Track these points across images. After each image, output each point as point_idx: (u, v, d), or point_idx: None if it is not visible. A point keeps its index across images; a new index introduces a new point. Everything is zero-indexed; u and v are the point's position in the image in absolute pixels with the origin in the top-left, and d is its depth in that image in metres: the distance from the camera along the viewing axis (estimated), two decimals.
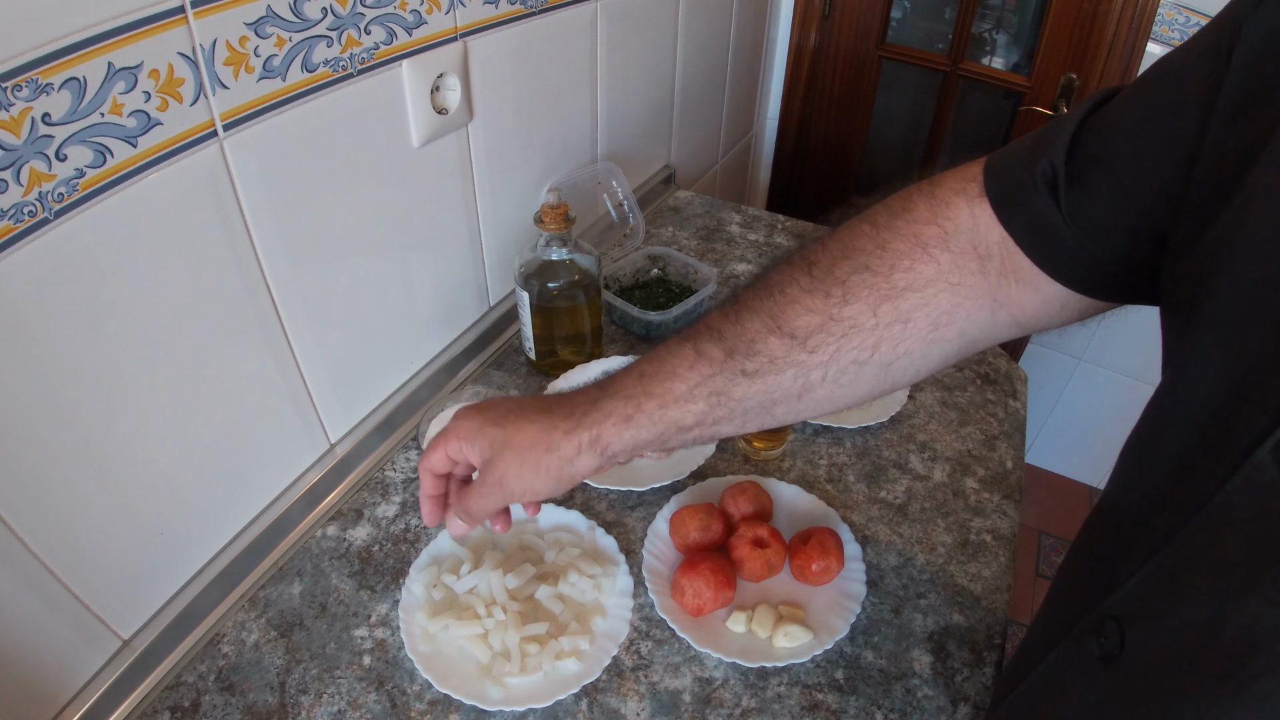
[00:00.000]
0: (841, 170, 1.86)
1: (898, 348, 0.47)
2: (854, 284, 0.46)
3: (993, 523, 0.78)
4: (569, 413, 0.50)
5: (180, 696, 0.62)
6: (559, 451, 0.49)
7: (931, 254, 0.46)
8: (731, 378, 0.48)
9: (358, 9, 0.62)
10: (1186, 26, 1.37)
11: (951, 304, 0.46)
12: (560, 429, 0.49)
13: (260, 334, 0.65)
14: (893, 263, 0.46)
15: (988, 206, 0.46)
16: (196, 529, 0.66)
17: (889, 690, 0.64)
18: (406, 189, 0.76)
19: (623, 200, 1.10)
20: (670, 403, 0.48)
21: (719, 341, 0.48)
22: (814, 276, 0.48)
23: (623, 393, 0.49)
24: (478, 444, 0.51)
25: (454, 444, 0.52)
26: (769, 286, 0.49)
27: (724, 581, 0.67)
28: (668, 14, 1.15)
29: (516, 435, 0.50)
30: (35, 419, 0.50)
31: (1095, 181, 0.41)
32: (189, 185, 0.55)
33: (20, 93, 0.43)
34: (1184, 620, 0.31)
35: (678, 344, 0.49)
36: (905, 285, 0.46)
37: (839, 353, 0.47)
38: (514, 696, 0.61)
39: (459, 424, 0.53)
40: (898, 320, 0.46)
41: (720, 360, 0.48)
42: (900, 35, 1.75)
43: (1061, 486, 2.07)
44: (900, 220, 0.47)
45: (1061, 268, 0.44)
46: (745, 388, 0.48)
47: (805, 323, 0.47)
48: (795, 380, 0.48)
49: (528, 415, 0.51)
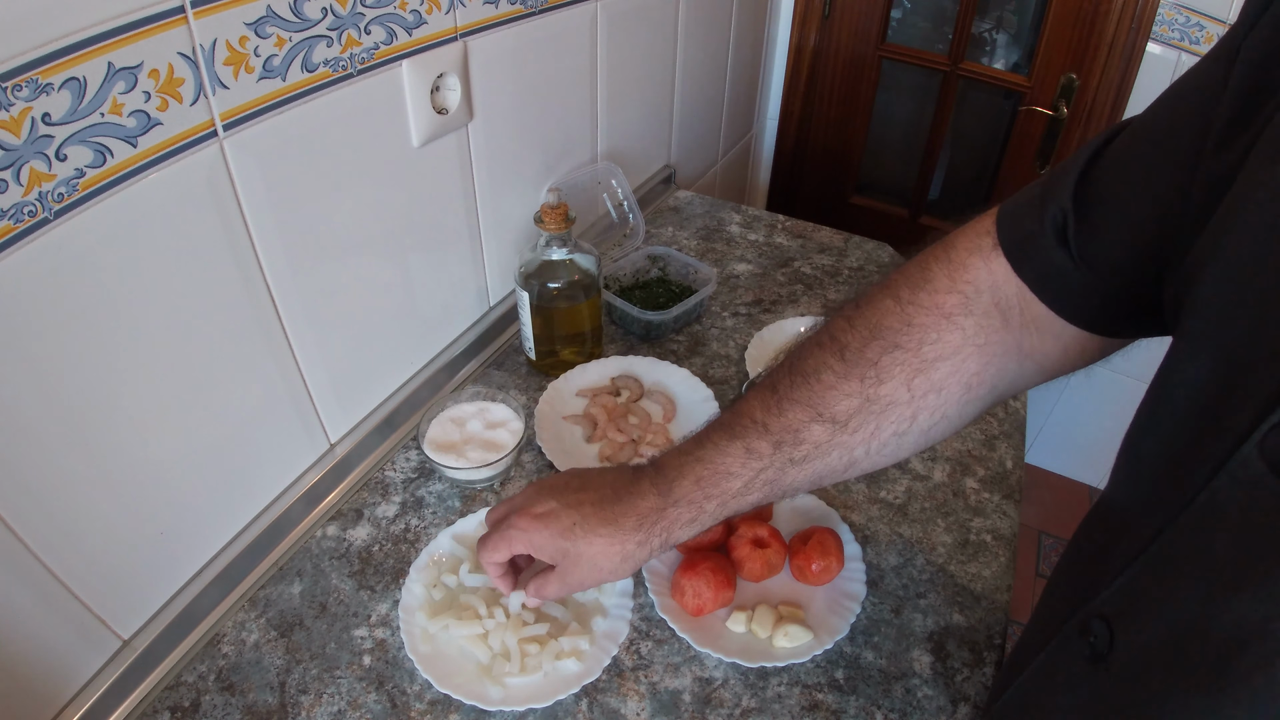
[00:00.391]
0: (841, 170, 1.86)
1: (934, 414, 0.49)
2: (886, 363, 0.48)
3: (993, 523, 0.78)
4: (637, 525, 0.54)
5: (180, 696, 0.62)
6: (633, 558, 0.54)
7: (956, 322, 0.48)
8: (782, 468, 0.51)
9: (358, 9, 0.62)
10: (1186, 26, 1.37)
11: (980, 365, 0.48)
12: (632, 539, 0.54)
13: (260, 334, 0.65)
14: (920, 337, 0.48)
15: (1003, 259, 0.47)
16: (196, 529, 0.66)
17: (889, 690, 0.64)
18: (406, 189, 0.76)
19: (623, 200, 1.10)
20: (729, 499, 0.52)
21: (765, 435, 0.51)
22: (846, 361, 0.50)
23: (684, 499, 0.53)
24: (547, 553, 0.56)
25: (520, 548, 0.57)
26: (804, 375, 0.51)
27: (724, 581, 0.67)
28: (668, 14, 1.15)
29: (588, 548, 0.54)
30: (35, 419, 0.50)
31: (1103, 222, 0.42)
32: (189, 185, 0.55)
33: (20, 93, 0.43)
34: (1172, 618, 0.31)
35: (725, 441, 0.52)
36: (935, 356, 0.48)
37: (879, 429, 0.49)
38: (514, 696, 0.61)
39: (524, 536, 0.56)
40: (931, 390, 0.48)
41: (769, 454, 0.51)
42: (900, 35, 1.75)
43: (1061, 486, 2.07)
44: (922, 293, 0.49)
45: (1076, 311, 0.45)
46: (795, 474, 0.51)
47: (844, 407, 0.49)
48: (841, 459, 0.50)
49: (593, 528, 0.54)
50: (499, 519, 0.60)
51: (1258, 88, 0.34)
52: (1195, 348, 0.33)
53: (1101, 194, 0.42)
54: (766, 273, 1.14)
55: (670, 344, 0.99)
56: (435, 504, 0.78)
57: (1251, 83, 0.35)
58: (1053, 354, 0.47)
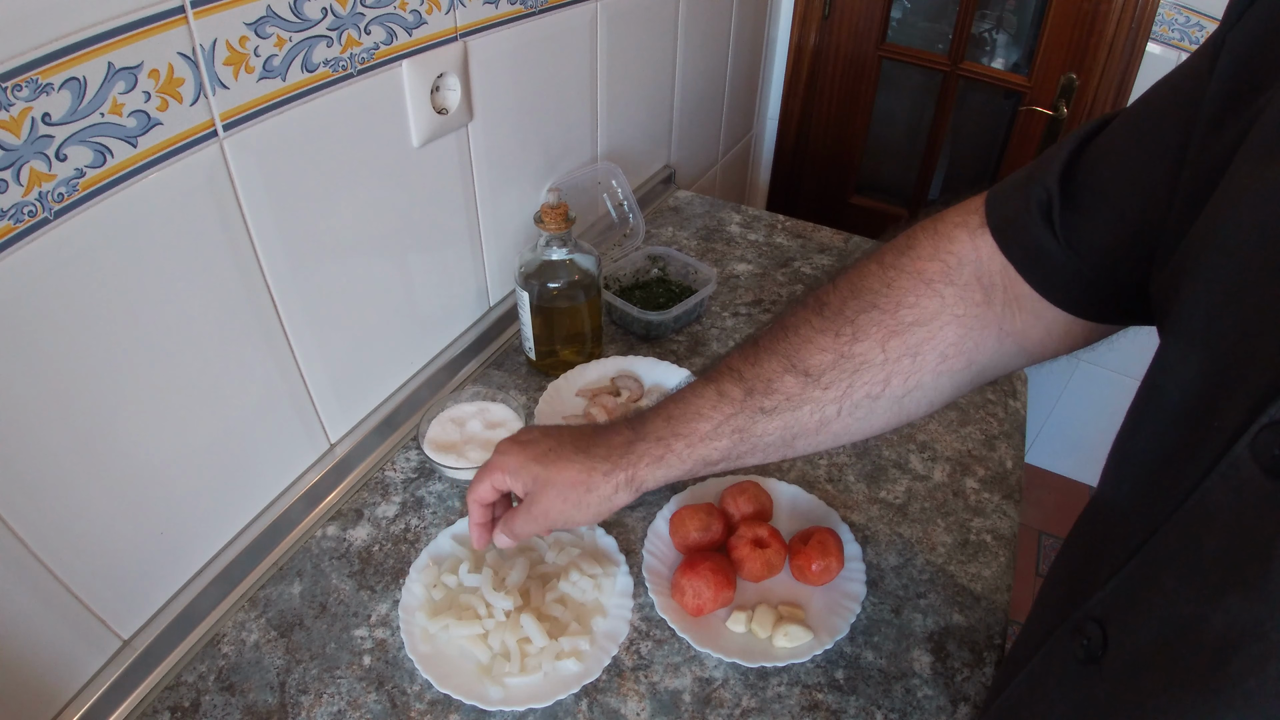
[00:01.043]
0: (841, 170, 1.86)
1: (908, 380, 0.49)
2: (863, 322, 0.49)
3: (993, 523, 0.78)
4: (606, 454, 0.54)
5: (180, 696, 0.62)
6: (598, 491, 0.54)
7: (935, 289, 0.48)
8: (752, 415, 0.51)
9: (358, 9, 0.62)
10: (1186, 26, 1.37)
11: (958, 335, 0.48)
12: (599, 470, 0.54)
13: (260, 334, 0.65)
14: (898, 299, 0.48)
15: (989, 237, 0.47)
16: (196, 529, 0.66)
17: (889, 690, 0.64)
18: (406, 189, 0.76)
19: (623, 200, 1.10)
20: (697, 441, 0.52)
21: (739, 382, 0.51)
22: (825, 316, 0.50)
23: (653, 435, 0.54)
24: (521, 478, 0.56)
25: (498, 476, 0.57)
26: (784, 328, 0.52)
27: (724, 581, 0.67)
28: (668, 14, 1.15)
29: (558, 474, 0.55)
30: (35, 419, 0.50)
31: (1089, 205, 0.43)
32: (189, 185, 0.55)
33: (20, 93, 0.43)
34: (1164, 620, 0.31)
35: (701, 385, 0.53)
36: (912, 320, 0.48)
37: (851, 388, 0.49)
38: (514, 696, 0.61)
39: (502, 459, 0.57)
40: (906, 354, 0.48)
41: (740, 399, 0.51)
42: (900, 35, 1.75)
43: (1061, 486, 2.07)
44: (905, 258, 0.49)
45: (1060, 292, 0.45)
46: (765, 424, 0.51)
47: (818, 361, 0.49)
48: (812, 415, 0.50)
49: (567, 455, 0.55)
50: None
51: (1241, 84, 0.34)
52: (1185, 348, 0.33)
53: (1087, 179, 0.43)
54: (766, 273, 1.14)
55: (670, 344, 0.99)
56: (435, 504, 0.78)
57: (1235, 78, 0.35)
58: (1034, 335, 0.48)
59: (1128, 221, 0.41)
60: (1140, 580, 0.33)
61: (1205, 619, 0.28)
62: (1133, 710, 0.32)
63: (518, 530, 0.59)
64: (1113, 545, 0.36)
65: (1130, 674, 0.33)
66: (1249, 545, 0.27)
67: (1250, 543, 0.27)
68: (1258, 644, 0.27)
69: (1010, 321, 0.48)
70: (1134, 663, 0.32)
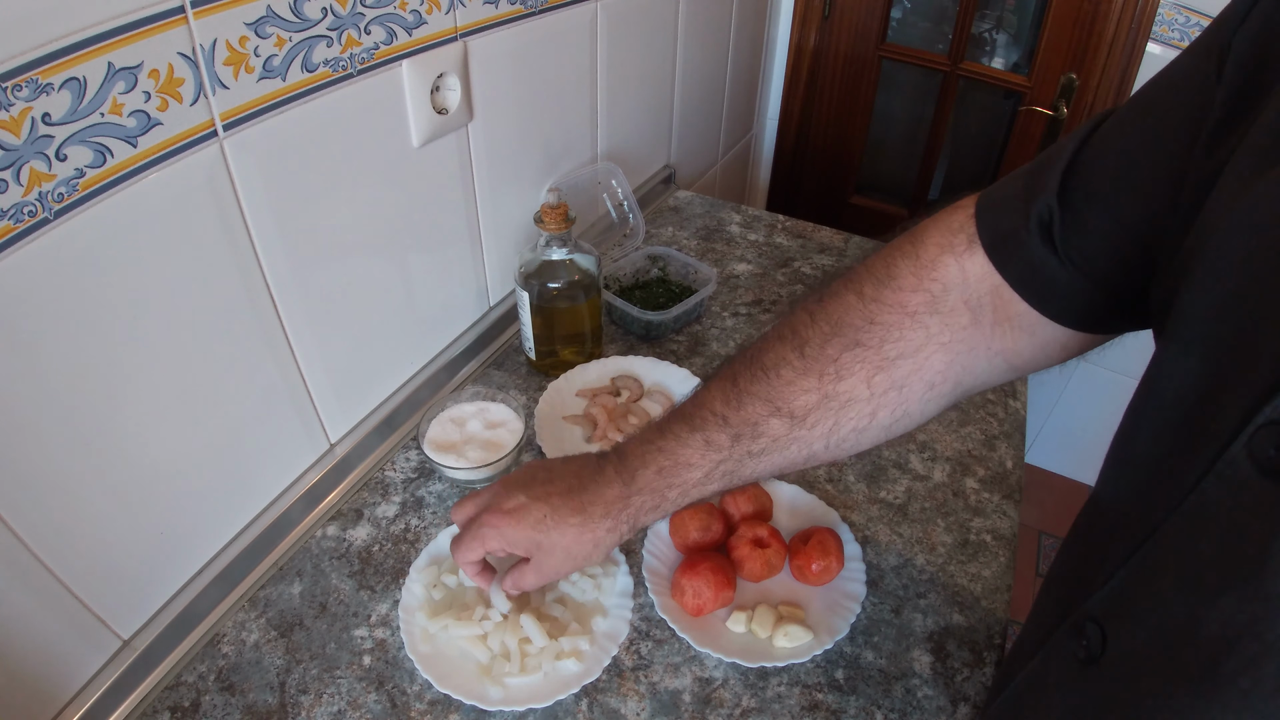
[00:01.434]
0: (841, 170, 1.86)
1: (895, 411, 0.49)
2: (846, 360, 0.48)
3: (993, 523, 0.78)
4: (604, 512, 0.56)
5: (180, 696, 0.62)
6: (603, 546, 0.57)
7: (920, 320, 0.47)
8: (740, 460, 0.52)
9: (358, 9, 0.62)
10: (1186, 26, 1.37)
11: (945, 363, 0.47)
12: (602, 527, 0.56)
13: (260, 334, 0.65)
14: (882, 335, 0.47)
15: (979, 256, 0.46)
16: (196, 529, 0.66)
17: (889, 690, 0.64)
18: (406, 189, 0.76)
19: (623, 200, 1.10)
20: (690, 488, 0.54)
21: (724, 428, 0.51)
22: (806, 357, 0.49)
23: (647, 488, 0.55)
24: (520, 547, 0.58)
25: (494, 545, 0.58)
26: (764, 369, 0.51)
27: (724, 581, 0.67)
28: (668, 14, 1.15)
29: (561, 539, 0.56)
30: (35, 419, 0.50)
31: (1092, 221, 0.41)
32: (189, 185, 0.55)
33: (20, 93, 0.43)
34: (1161, 620, 0.31)
35: (686, 433, 0.53)
36: (896, 354, 0.47)
37: (838, 425, 0.49)
38: (514, 696, 0.61)
39: (496, 531, 0.58)
40: (892, 388, 0.48)
41: (728, 446, 0.52)
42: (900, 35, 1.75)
43: (1061, 486, 2.07)
44: (886, 290, 0.48)
45: (1062, 310, 0.44)
46: (754, 465, 0.52)
47: (803, 402, 0.49)
48: (799, 452, 0.51)
49: (563, 518, 0.56)
50: (469, 518, 0.61)
51: (1248, 87, 0.34)
52: (1183, 348, 0.33)
53: (1089, 191, 0.42)
54: (766, 273, 1.14)
55: (670, 344, 0.99)
56: (435, 504, 0.78)
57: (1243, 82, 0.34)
58: (1026, 351, 0.47)
59: (1129, 227, 0.40)
60: (1138, 581, 0.33)
61: (1202, 619, 0.29)
62: (1131, 710, 0.32)
63: (528, 586, 0.60)
64: (1111, 546, 0.36)
65: (1129, 674, 0.33)
66: (1245, 545, 0.27)
67: (1246, 543, 0.27)
68: (1253, 643, 0.27)
69: (1000, 340, 0.47)
70: (1132, 663, 0.32)
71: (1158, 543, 0.32)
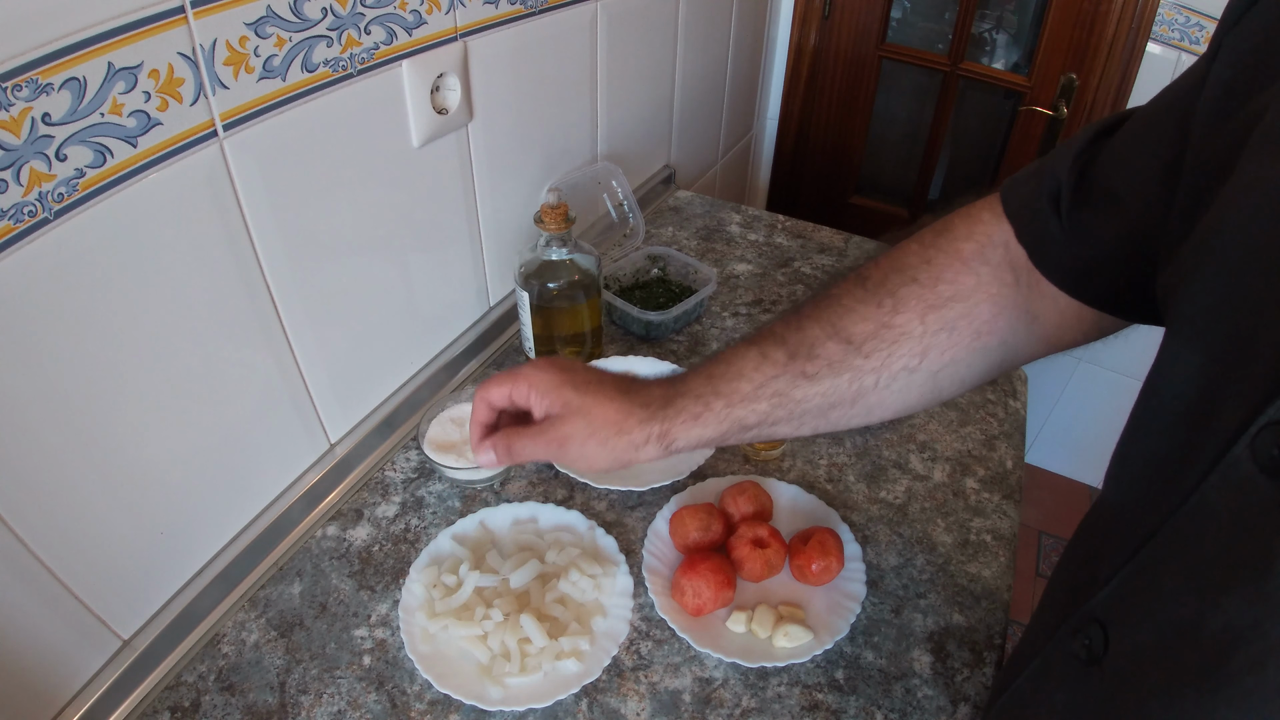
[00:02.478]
0: (841, 170, 1.86)
1: (944, 355, 0.50)
2: (903, 294, 0.50)
3: (993, 523, 0.78)
4: (645, 402, 0.53)
5: (180, 696, 0.62)
6: (629, 436, 0.52)
7: (971, 267, 0.50)
8: (793, 379, 0.51)
9: (358, 9, 0.62)
10: (1186, 26, 1.37)
11: (991, 313, 0.50)
12: (635, 415, 0.52)
13: (260, 334, 0.65)
14: (937, 275, 0.50)
15: (1008, 223, 0.50)
16: (196, 529, 0.66)
17: (889, 690, 0.64)
18: (406, 189, 0.76)
19: (623, 200, 1.10)
20: (736, 402, 0.52)
21: (782, 345, 0.52)
22: (867, 289, 0.52)
23: (693, 391, 0.52)
24: (549, 399, 0.53)
25: (522, 388, 0.54)
26: (828, 297, 0.53)
27: (724, 581, 0.67)
28: (668, 14, 1.15)
29: (594, 406, 0.52)
30: (35, 419, 0.50)
31: (1095, 199, 0.44)
32: (189, 185, 0.55)
33: (20, 93, 0.43)
34: (1164, 620, 0.31)
35: (744, 348, 0.53)
36: (949, 295, 0.50)
37: (890, 358, 0.50)
38: (514, 696, 0.61)
39: (534, 373, 0.54)
40: (943, 328, 0.50)
41: (783, 363, 0.51)
42: (900, 35, 1.75)
43: (1061, 486, 2.07)
44: (943, 238, 0.52)
45: (1064, 276, 0.47)
46: (805, 389, 0.51)
47: (860, 329, 0.51)
48: (851, 384, 0.51)
49: (607, 392, 0.53)
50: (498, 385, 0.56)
51: (1240, 85, 0.35)
52: (1184, 348, 0.33)
53: (1097, 175, 0.44)
54: (766, 273, 1.14)
55: (670, 344, 0.99)
56: (435, 504, 0.78)
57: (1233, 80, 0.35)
58: (1051, 320, 0.49)
59: (1129, 220, 0.42)
60: (1141, 580, 0.33)
61: (1205, 619, 0.28)
62: (1134, 711, 0.32)
63: (519, 451, 0.54)
64: (1114, 546, 0.36)
65: (1131, 674, 0.33)
66: (1248, 545, 0.27)
67: (1249, 543, 0.27)
68: (1257, 643, 0.27)
69: (1034, 305, 0.49)
70: (1135, 663, 0.32)
71: (1161, 542, 0.32)
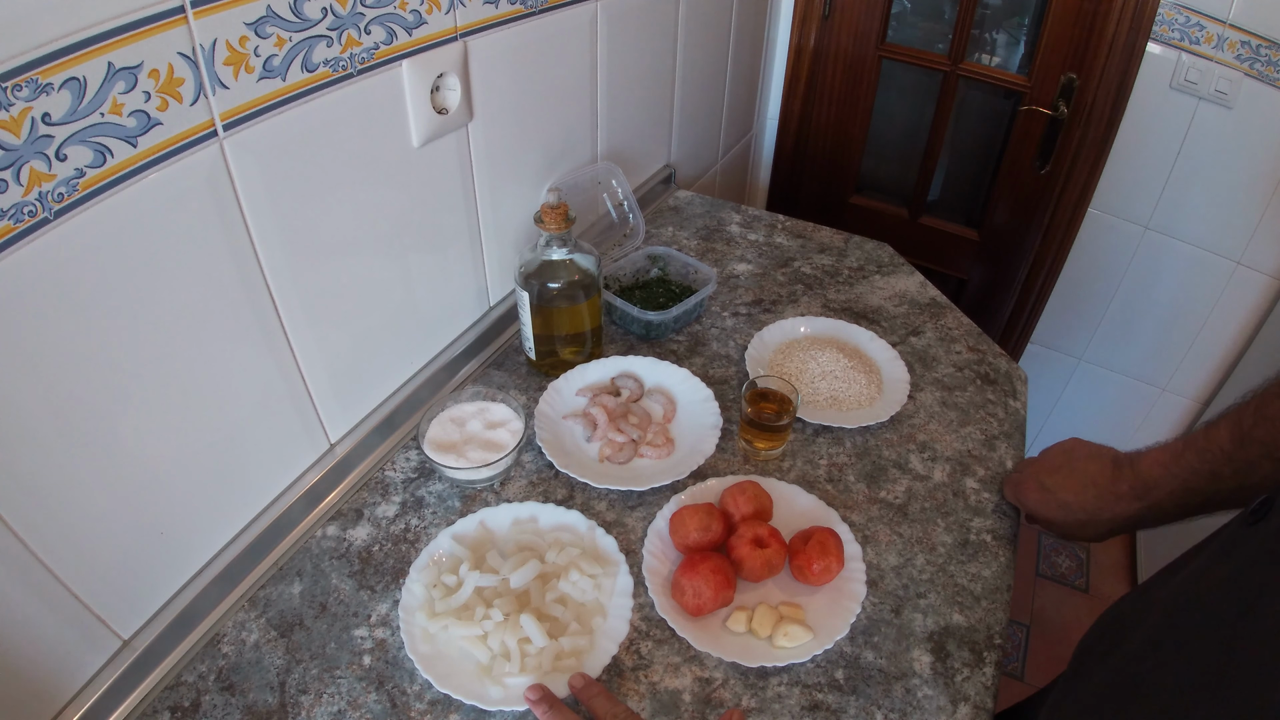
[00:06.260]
0: (841, 170, 1.86)
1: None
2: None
3: (993, 523, 0.78)
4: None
5: (180, 696, 0.62)
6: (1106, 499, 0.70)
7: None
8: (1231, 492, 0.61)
9: (358, 9, 0.62)
10: (1186, 26, 1.37)
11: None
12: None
13: (260, 334, 0.65)
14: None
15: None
16: (196, 529, 0.66)
17: (889, 690, 0.64)
18: (406, 189, 0.76)
19: (623, 200, 1.10)
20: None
21: (1227, 463, 0.60)
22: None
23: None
24: (1053, 452, 0.76)
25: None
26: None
27: (724, 581, 0.67)
28: (668, 14, 1.15)
29: (1086, 464, 0.72)
30: (35, 419, 0.50)
31: None
32: (189, 185, 0.55)
33: (20, 93, 0.43)
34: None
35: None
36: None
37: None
38: (514, 696, 0.61)
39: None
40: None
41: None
42: (900, 35, 1.74)
43: None
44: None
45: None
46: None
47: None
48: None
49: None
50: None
51: None
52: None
53: None
54: (766, 273, 1.14)
55: (670, 344, 0.99)
56: (435, 504, 0.78)
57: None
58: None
59: None
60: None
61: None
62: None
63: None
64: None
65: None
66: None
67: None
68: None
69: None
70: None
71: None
